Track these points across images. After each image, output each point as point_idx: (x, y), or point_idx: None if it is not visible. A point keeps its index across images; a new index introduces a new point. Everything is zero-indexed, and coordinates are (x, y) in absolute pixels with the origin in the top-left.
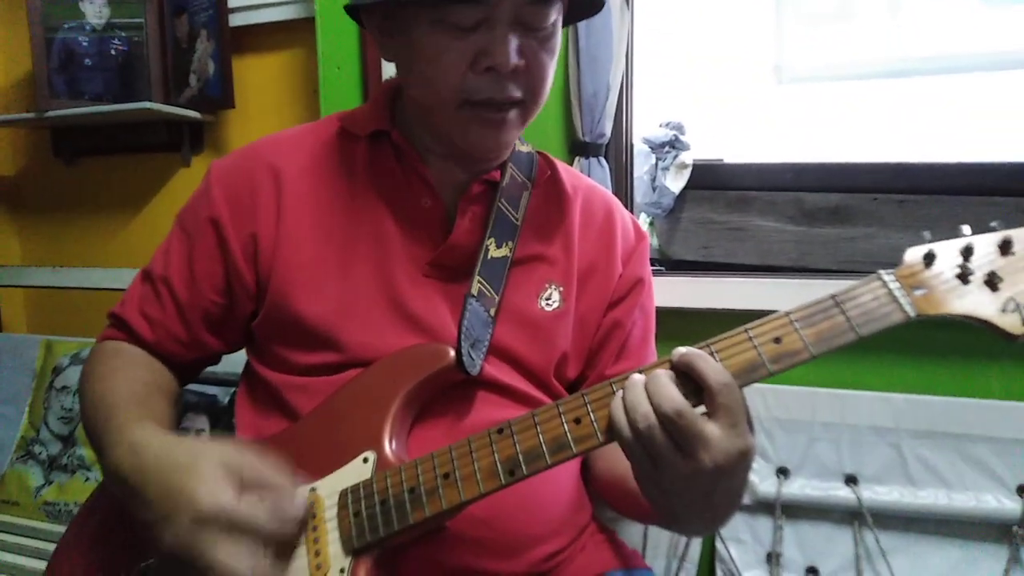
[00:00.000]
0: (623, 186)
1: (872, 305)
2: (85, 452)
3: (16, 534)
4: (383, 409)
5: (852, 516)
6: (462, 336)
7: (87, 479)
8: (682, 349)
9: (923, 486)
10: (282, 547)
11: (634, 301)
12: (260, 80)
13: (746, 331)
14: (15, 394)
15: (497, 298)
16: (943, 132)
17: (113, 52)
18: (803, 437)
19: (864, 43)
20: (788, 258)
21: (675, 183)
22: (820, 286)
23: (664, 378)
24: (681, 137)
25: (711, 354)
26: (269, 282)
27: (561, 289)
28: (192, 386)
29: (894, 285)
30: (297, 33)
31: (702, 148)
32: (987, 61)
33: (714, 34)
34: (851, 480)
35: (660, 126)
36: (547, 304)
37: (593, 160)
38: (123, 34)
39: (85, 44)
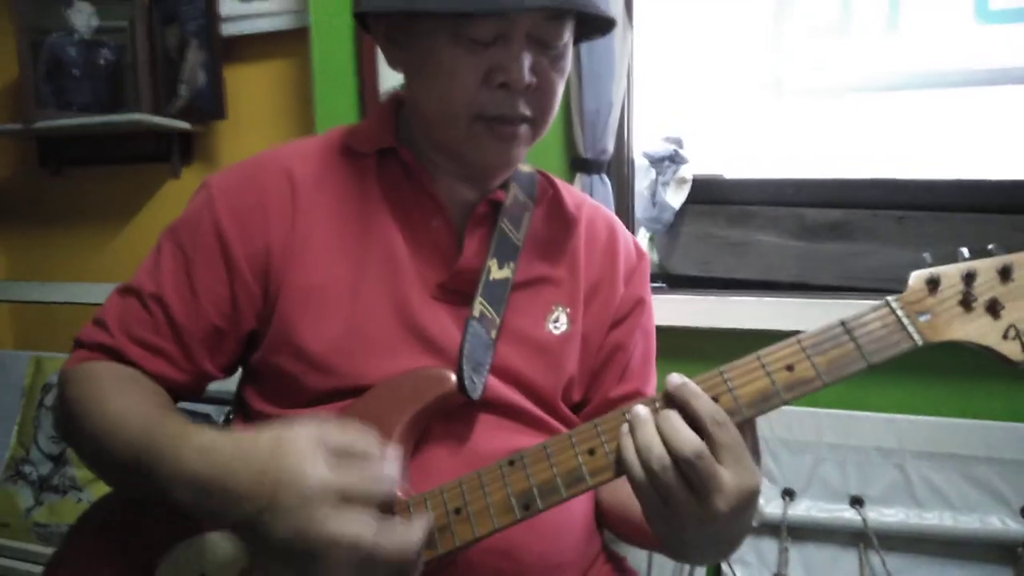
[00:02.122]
0: (624, 202)
1: (881, 332)
2: (77, 472)
3: (6, 556)
4: (384, 439)
5: (857, 538)
6: (463, 359)
7: (79, 500)
8: (676, 379)
9: (928, 507)
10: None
11: (635, 322)
12: (252, 90)
13: (758, 358)
14: (3, 412)
15: (498, 320)
16: (940, 148)
17: (101, 62)
18: (809, 458)
19: (862, 58)
20: (789, 273)
21: (675, 198)
22: (821, 305)
23: (676, 418)
24: (681, 151)
25: (724, 382)
26: (277, 301)
27: (568, 311)
28: (184, 404)
29: (901, 312)
30: (290, 43)
31: (701, 162)
32: (981, 77)
33: (712, 48)
34: (856, 501)
35: (661, 140)
36: (555, 327)
37: (595, 177)
38: (111, 43)
39: (73, 53)
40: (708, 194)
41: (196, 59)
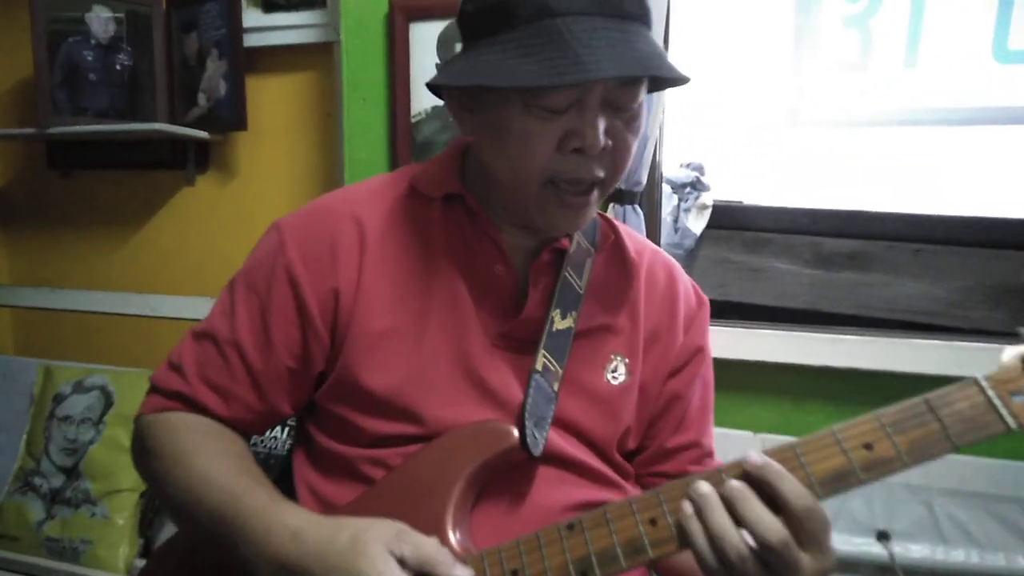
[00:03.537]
0: (654, 230)
1: (969, 413)
2: (91, 485)
3: (15, 571)
4: (445, 494)
5: (883, 572)
6: (526, 414)
7: (92, 514)
8: (757, 459)
9: (955, 545)
10: None
11: (695, 371)
12: (272, 101)
13: (834, 433)
14: (9, 422)
15: (561, 372)
16: (956, 183)
17: (118, 67)
18: None
19: (880, 92)
20: (803, 301)
21: (696, 224)
22: (844, 342)
23: (757, 503)
24: (702, 178)
25: (796, 456)
26: (343, 345)
27: (627, 361)
28: None
29: (992, 392)
30: (313, 56)
31: (720, 189)
32: (999, 115)
33: (733, 78)
34: (883, 536)
35: (681, 167)
36: (613, 377)
37: (628, 207)
38: (129, 49)
39: (90, 58)
40: (726, 220)
41: (217, 68)
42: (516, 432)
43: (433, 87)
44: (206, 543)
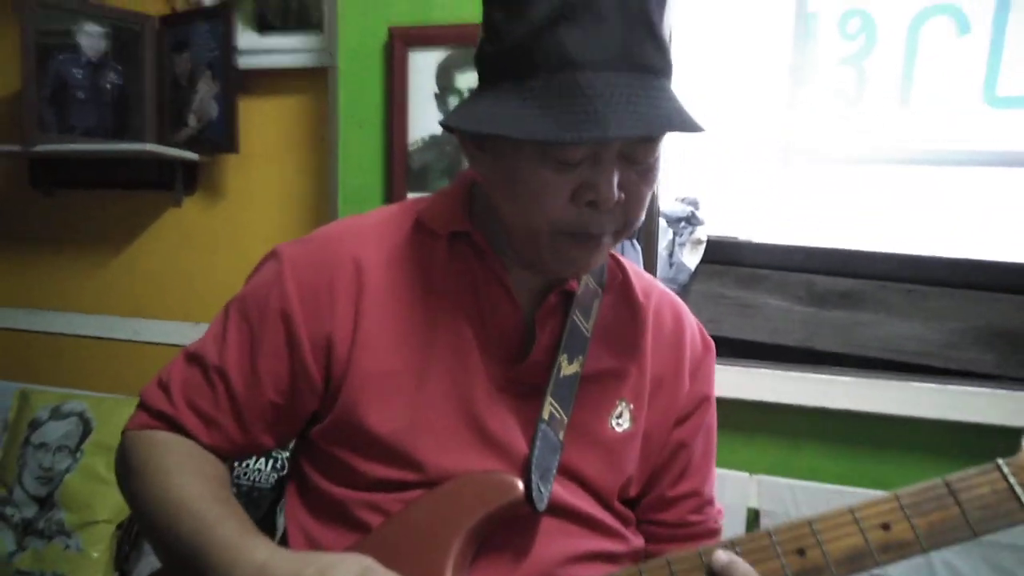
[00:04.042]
0: (651, 265)
1: (991, 500)
2: (65, 516)
3: None
4: (446, 545)
5: None
6: (533, 467)
7: (66, 547)
8: (723, 558)
9: None
10: None
11: (700, 420)
12: (263, 124)
13: (852, 512)
14: None
15: (566, 419)
16: (948, 224)
17: (108, 86)
18: None
19: (874, 131)
20: (795, 338)
21: (691, 259)
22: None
23: None
24: (697, 213)
25: (812, 533)
26: (341, 388)
27: (631, 407)
28: None
29: (1014, 479)
30: (307, 80)
31: (715, 224)
32: (990, 158)
33: (729, 113)
34: None
35: (676, 201)
36: (617, 424)
37: (626, 241)
38: (119, 67)
39: (79, 76)
40: (720, 255)
41: (209, 89)
42: (521, 485)
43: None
44: (179, 570)
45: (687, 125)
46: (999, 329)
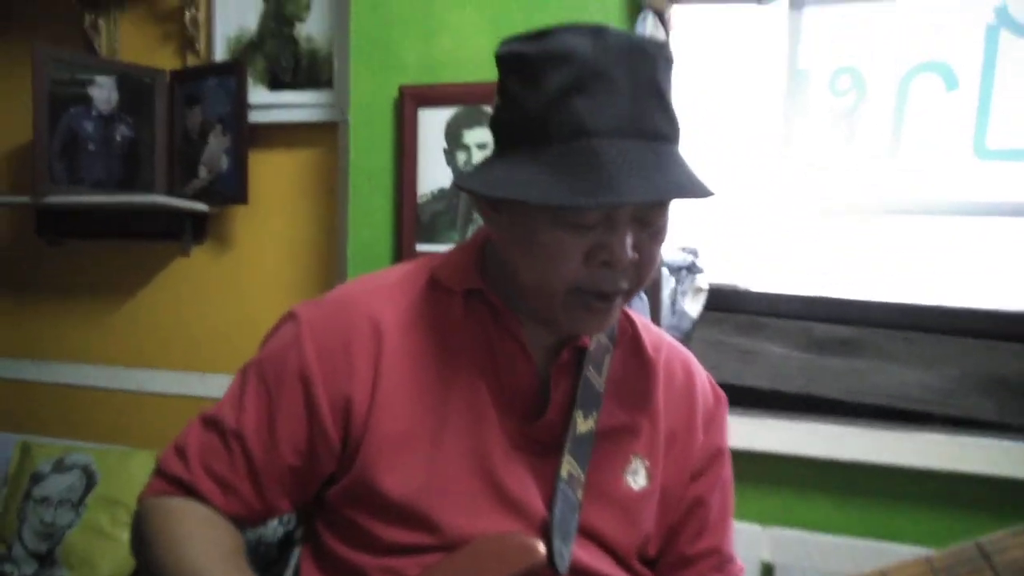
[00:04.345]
0: (656, 315)
1: None
2: (66, 574)
3: None
4: None
5: None
6: (554, 530)
7: None
8: None
9: None
10: None
11: (716, 474)
12: (272, 176)
13: (883, 575)
14: None
15: (584, 477)
16: (942, 273)
17: (118, 139)
18: None
19: (865, 182)
20: (796, 385)
21: (693, 307)
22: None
23: None
24: (697, 261)
25: None
26: (359, 450)
27: (647, 464)
28: None
29: None
30: (316, 134)
31: (715, 271)
32: (980, 208)
33: (724, 163)
34: None
35: (677, 249)
36: (634, 481)
37: None
38: (130, 120)
39: (90, 128)
40: (721, 302)
41: (220, 143)
42: (543, 548)
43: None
44: None
45: (697, 191)
46: (997, 376)
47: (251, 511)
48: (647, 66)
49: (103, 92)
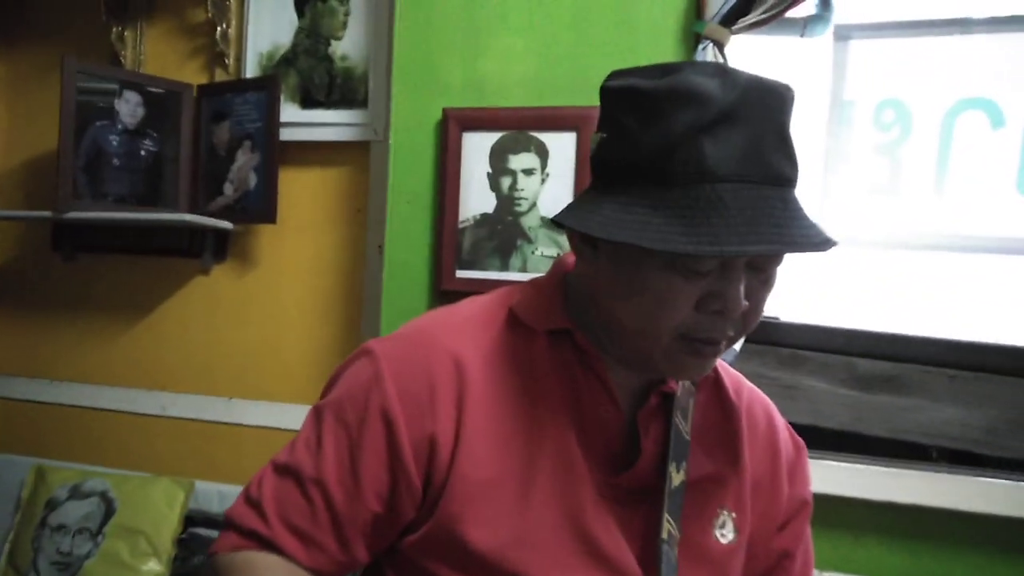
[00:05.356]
0: None
1: None
2: None
3: None
4: None
5: None
6: None
7: None
8: None
9: None
10: None
11: (801, 526)
12: (299, 195)
13: None
14: None
15: (679, 535)
16: (985, 310)
17: (143, 153)
18: None
19: (909, 217)
20: (839, 421)
21: (735, 343)
22: (907, 476)
23: None
24: None
25: None
26: (441, 496)
27: (734, 516)
28: None
29: None
30: (346, 153)
31: None
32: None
33: None
34: None
35: None
36: (722, 536)
37: None
38: (155, 135)
39: (115, 143)
40: (761, 335)
41: (248, 160)
42: None
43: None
44: None
45: (821, 243)
46: None
47: (335, 564)
48: (776, 109)
49: (129, 106)
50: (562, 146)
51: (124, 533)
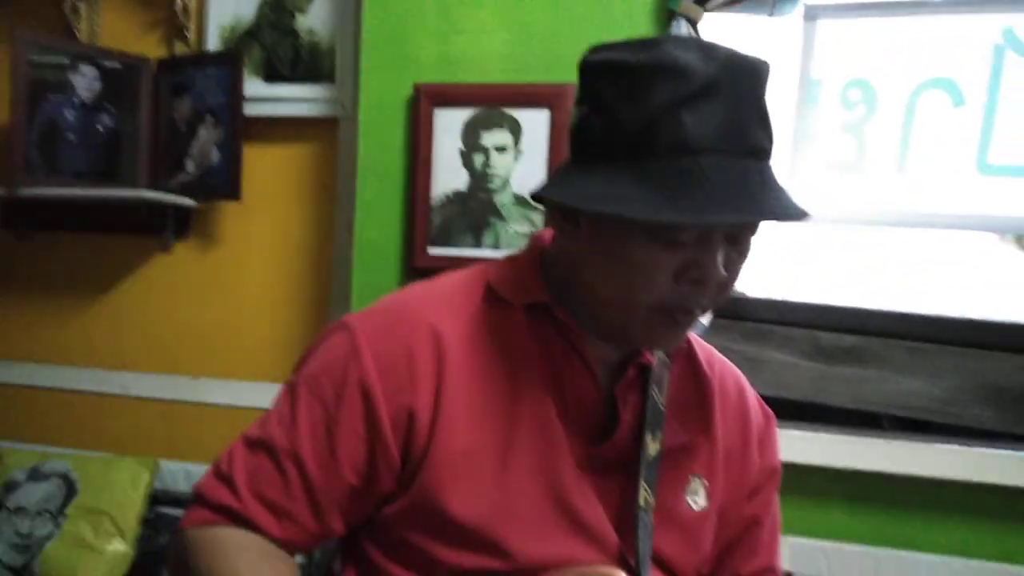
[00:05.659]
0: None
1: None
2: None
3: None
4: None
5: None
6: (641, 559)
7: None
8: None
9: None
10: None
11: (770, 493)
12: (263, 172)
13: None
14: None
15: (654, 501)
16: (946, 284)
17: (100, 129)
18: None
19: (873, 194)
20: (802, 393)
21: (705, 315)
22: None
23: None
24: None
25: None
26: (420, 468)
27: (706, 483)
28: None
29: None
30: (312, 129)
31: None
32: (982, 223)
33: None
34: None
35: None
36: (694, 502)
37: None
38: (113, 110)
39: (71, 118)
40: (727, 310)
41: (210, 136)
42: None
43: (536, 196)
44: None
45: (800, 214)
46: (998, 386)
47: (308, 536)
48: (754, 82)
49: (85, 80)
50: (535, 123)
51: (87, 514)
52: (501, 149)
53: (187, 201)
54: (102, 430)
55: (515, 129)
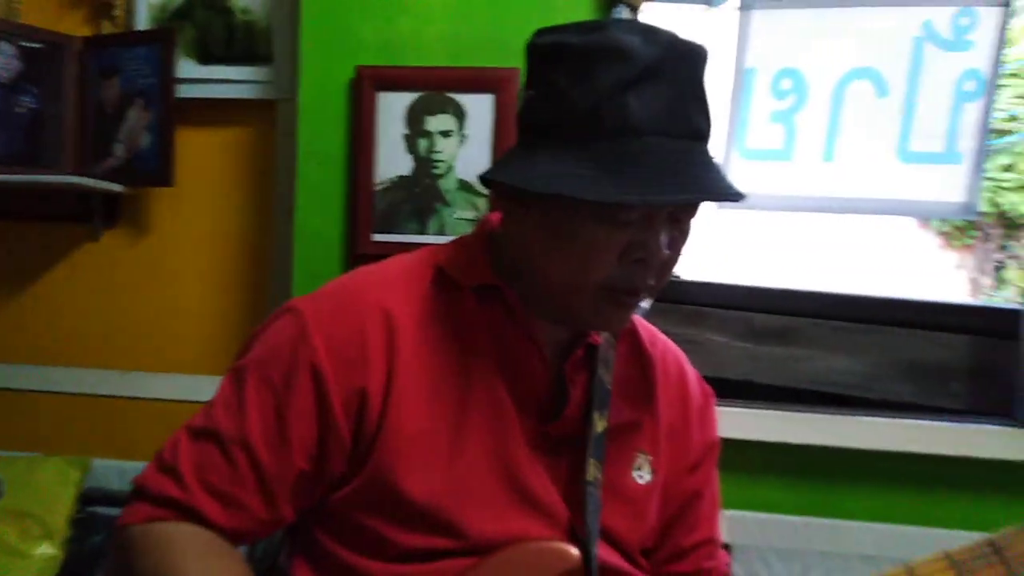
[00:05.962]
0: None
1: None
2: None
3: None
4: None
5: None
6: (590, 533)
7: None
8: None
9: None
10: None
11: (710, 467)
12: (200, 156)
13: (910, 570)
14: None
15: (602, 477)
16: (868, 266)
17: (21, 110)
18: (797, 566)
19: (803, 180)
20: (737, 372)
21: (646, 300)
22: (784, 418)
23: None
24: None
25: None
26: (372, 450)
27: (650, 459)
28: None
29: None
30: (248, 112)
31: None
32: (902, 207)
33: None
34: None
35: None
36: (639, 477)
37: None
38: (35, 90)
39: None
40: (665, 294)
41: (140, 119)
42: (576, 552)
43: (485, 179)
44: None
45: (738, 195)
46: (915, 362)
47: (258, 524)
48: (694, 66)
49: (3, 58)
50: (480, 108)
51: (11, 517)
52: (446, 134)
53: (116, 187)
54: (27, 429)
55: (459, 114)
